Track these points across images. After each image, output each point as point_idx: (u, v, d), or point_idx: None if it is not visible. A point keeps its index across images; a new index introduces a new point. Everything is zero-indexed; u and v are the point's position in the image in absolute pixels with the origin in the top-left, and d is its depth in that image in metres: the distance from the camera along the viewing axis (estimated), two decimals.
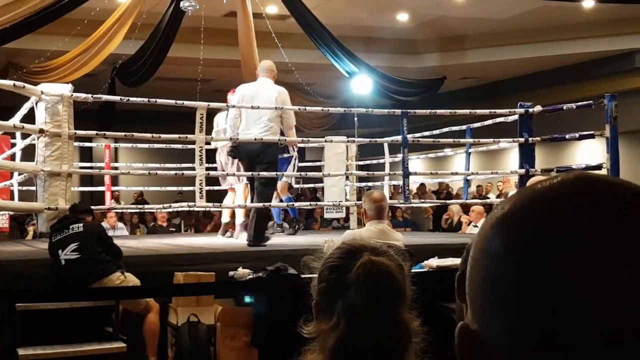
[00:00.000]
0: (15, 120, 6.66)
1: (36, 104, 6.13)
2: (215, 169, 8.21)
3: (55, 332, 4.95)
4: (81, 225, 5.32)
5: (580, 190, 0.59)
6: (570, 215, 0.57)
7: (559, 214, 0.58)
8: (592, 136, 7.77)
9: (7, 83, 5.93)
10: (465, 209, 11.18)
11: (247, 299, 5.34)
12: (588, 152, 13.06)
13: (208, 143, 7.95)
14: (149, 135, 6.94)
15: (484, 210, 9.48)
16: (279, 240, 7.59)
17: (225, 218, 8.51)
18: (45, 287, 5.13)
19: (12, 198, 8.40)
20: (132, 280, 5.22)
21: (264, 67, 7.31)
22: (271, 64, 7.38)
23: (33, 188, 6.48)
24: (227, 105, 7.51)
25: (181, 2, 9.05)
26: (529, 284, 0.56)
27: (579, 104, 7.65)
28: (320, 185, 10.87)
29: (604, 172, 7.21)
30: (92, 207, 6.29)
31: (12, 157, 8.08)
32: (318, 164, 10.77)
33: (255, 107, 6.93)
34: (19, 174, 7.75)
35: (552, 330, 0.55)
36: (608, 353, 0.54)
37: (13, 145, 8.34)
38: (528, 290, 0.56)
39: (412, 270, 1.60)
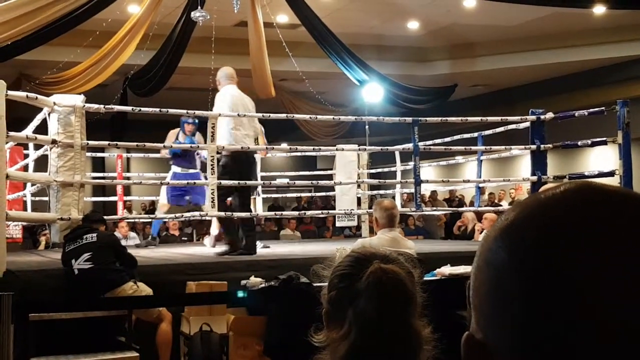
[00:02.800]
0: (28, 131, 6.70)
1: (49, 115, 6.17)
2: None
3: (68, 342, 4.97)
4: (95, 235, 5.35)
5: (585, 199, 0.59)
6: (575, 224, 0.57)
7: (564, 223, 0.58)
8: (604, 143, 7.74)
9: (20, 94, 5.97)
10: (479, 216, 11.15)
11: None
12: (600, 159, 12.99)
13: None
14: (160, 145, 6.96)
15: (497, 217, 9.44)
16: (289, 248, 7.59)
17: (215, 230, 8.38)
18: (59, 296, 5.16)
19: (25, 209, 8.46)
20: (144, 289, 5.23)
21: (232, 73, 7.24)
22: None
23: (46, 198, 6.52)
24: (238, 114, 7.51)
25: (192, 13, 9.09)
26: (535, 293, 0.57)
27: (591, 110, 7.62)
28: (331, 193, 10.87)
29: (616, 178, 7.18)
30: (105, 216, 6.31)
31: (25, 168, 8.13)
32: (329, 172, 10.77)
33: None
34: (32, 185, 7.80)
35: (559, 338, 0.55)
36: (617, 358, 0.54)
37: (26, 156, 8.39)
38: (534, 299, 0.57)
39: (425, 278, 1.60)
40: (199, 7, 9.06)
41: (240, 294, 5.31)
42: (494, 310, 0.60)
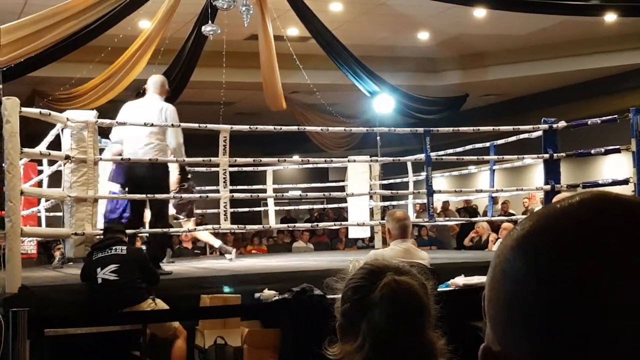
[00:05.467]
0: (42, 147, 6.74)
1: (62, 130, 6.20)
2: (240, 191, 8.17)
3: (83, 357, 4.98)
4: (124, 248, 5.37)
5: (600, 208, 0.59)
6: (591, 234, 0.57)
7: (579, 233, 0.58)
8: (617, 151, 7.70)
9: (34, 111, 6.01)
10: (492, 226, 11.10)
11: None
12: (614, 167, 12.92)
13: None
14: (172, 158, 6.98)
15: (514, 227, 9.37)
16: (302, 261, 7.57)
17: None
18: (75, 310, 5.17)
19: (39, 224, 8.49)
20: (162, 307, 5.24)
21: (154, 82, 6.93)
22: (162, 79, 7.03)
23: (60, 214, 6.55)
24: (249, 127, 7.54)
25: (203, 27, 9.14)
26: (554, 305, 0.57)
27: (604, 118, 7.59)
28: (344, 205, 10.87)
29: (630, 187, 7.13)
30: None
31: (40, 184, 8.17)
32: (341, 184, 10.78)
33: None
34: (46, 200, 7.84)
35: (579, 350, 0.55)
36: None
37: (40, 172, 8.44)
38: (553, 311, 0.57)
39: (439, 289, 1.60)
40: (210, 22, 9.10)
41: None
42: (512, 320, 0.60)
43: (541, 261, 0.58)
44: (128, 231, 5.93)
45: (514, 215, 11.32)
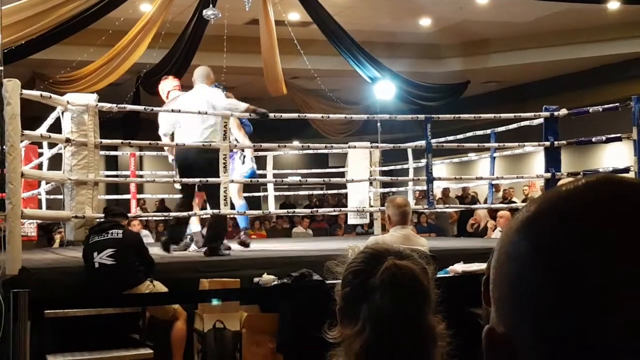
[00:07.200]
0: (42, 129, 6.73)
1: (62, 113, 6.20)
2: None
3: (83, 339, 5.00)
4: (121, 232, 5.38)
5: (606, 192, 0.59)
6: (597, 217, 0.58)
7: (586, 215, 0.58)
8: (618, 139, 7.69)
9: (34, 93, 6.00)
10: (491, 214, 11.11)
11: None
12: (615, 155, 12.92)
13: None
14: (173, 143, 6.98)
15: (512, 215, 9.41)
16: (301, 246, 7.58)
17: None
18: (75, 291, 5.19)
19: (39, 207, 8.50)
20: (160, 289, 5.25)
21: (200, 74, 6.96)
22: (207, 70, 7.06)
23: (60, 197, 6.56)
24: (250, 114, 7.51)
25: (204, 11, 9.11)
26: (558, 286, 0.57)
27: (605, 106, 7.58)
28: (343, 191, 10.88)
29: (631, 175, 7.13)
30: None
31: (40, 167, 8.17)
32: (341, 170, 10.77)
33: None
34: (47, 183, 7.84)
35: (582, 331, 0.56)
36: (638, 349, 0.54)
37: (40, 154, 8.44)
38: (557, 291, 0.57)
39: (438, 275, 1.60)
40: (211, 6, 9.07)
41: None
42: (516, 302, 0.60)
43: (545, 241, 0.59)
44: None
45: (514, 202, 11.33)
